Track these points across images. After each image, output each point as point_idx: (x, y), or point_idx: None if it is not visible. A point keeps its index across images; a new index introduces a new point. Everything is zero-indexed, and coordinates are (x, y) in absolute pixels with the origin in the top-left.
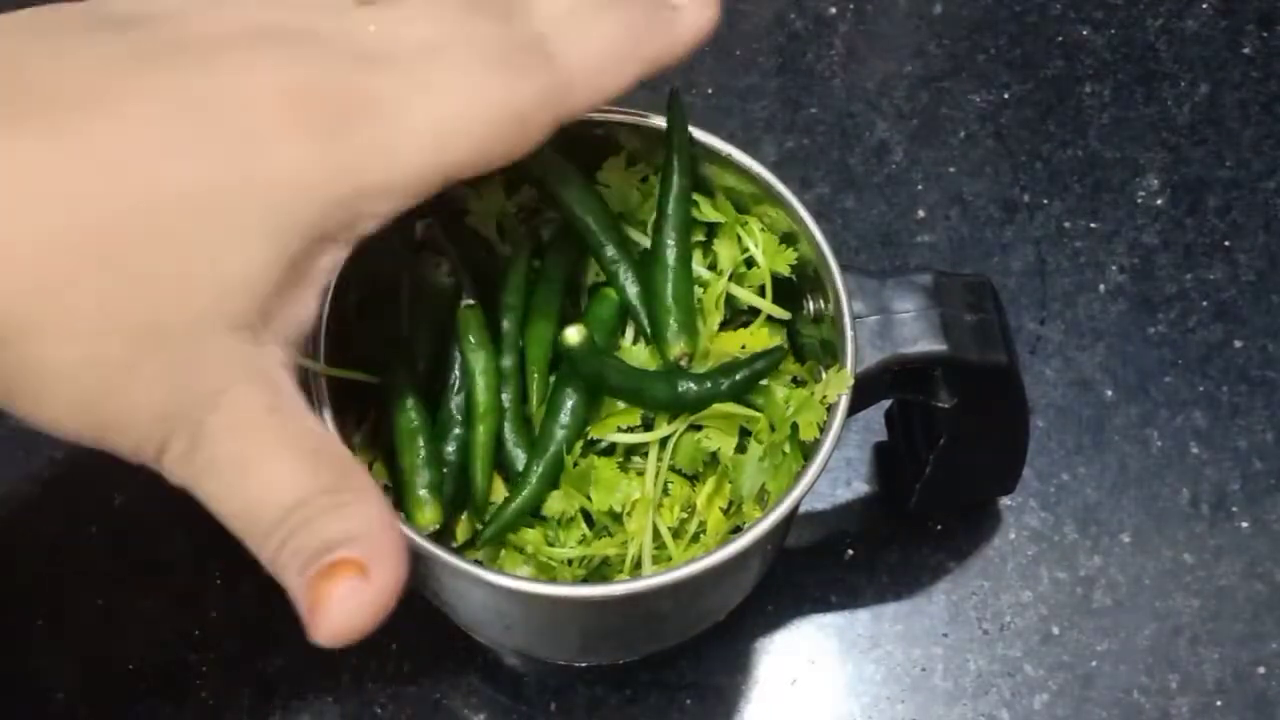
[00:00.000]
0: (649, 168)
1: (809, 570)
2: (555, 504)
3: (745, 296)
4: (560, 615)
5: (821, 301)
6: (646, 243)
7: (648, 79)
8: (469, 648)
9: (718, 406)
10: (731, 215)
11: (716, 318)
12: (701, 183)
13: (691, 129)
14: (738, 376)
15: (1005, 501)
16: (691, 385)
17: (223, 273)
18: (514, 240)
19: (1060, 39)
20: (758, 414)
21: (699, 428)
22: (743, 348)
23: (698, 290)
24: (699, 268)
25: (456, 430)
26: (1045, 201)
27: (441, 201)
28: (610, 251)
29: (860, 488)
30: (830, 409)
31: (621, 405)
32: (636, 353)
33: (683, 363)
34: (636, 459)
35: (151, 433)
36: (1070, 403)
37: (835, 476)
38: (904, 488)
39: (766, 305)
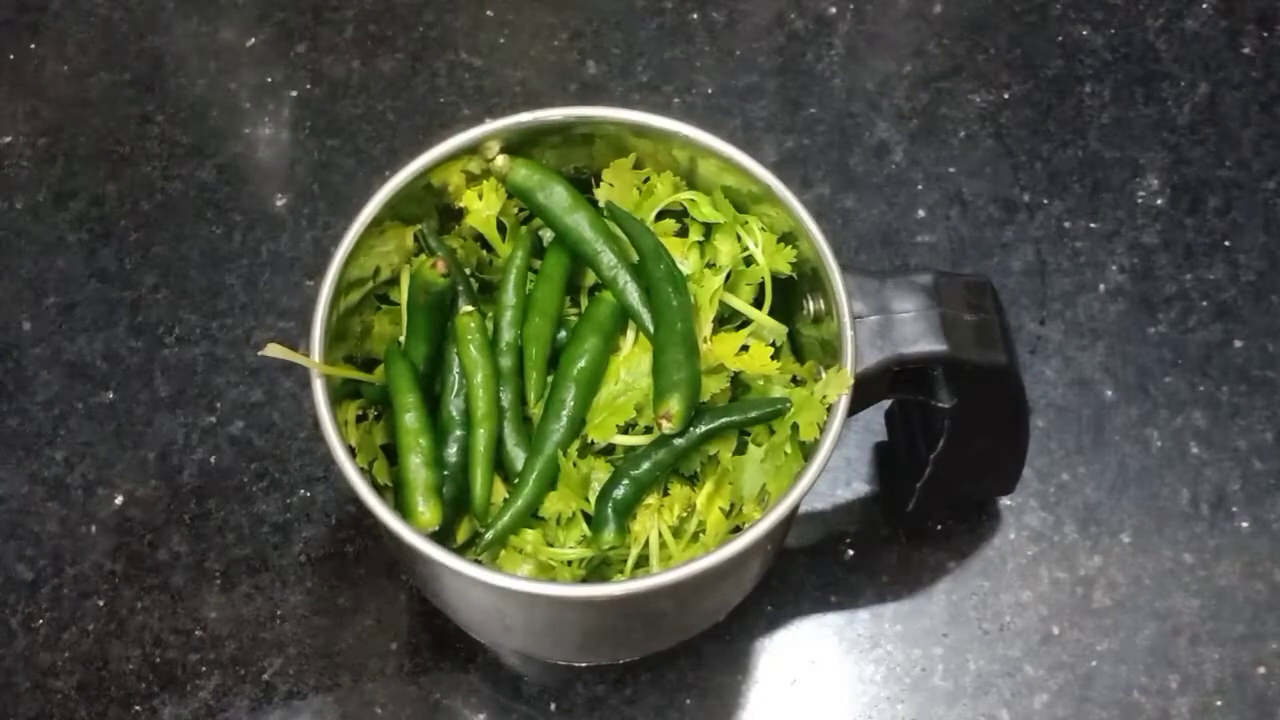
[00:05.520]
0: (654, 168)
1: (809, 570)
2: (553, 505)
3: (740, 307)
4: (560, 615)
5: (821, 301)
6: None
7: None
8: (469, 648)
9: None
10: (731, 214)
11: (710, 313)
12: (701, 181)
13: (692, 129)
14: (716, 424)
15: (1005, 501)
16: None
17: None
18: (514, 240)
19: (1060, 39)
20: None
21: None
22: (742, 349)
23: (693, 288)
24: (696, 267)
25: (457, 432)
26: (1045, 201)
27: (442, 202)
28: (606, 259)
29: (860, 488)
30: (830, 409)
31: (619, 404)
32: (636, 355)
33: (663, 421)
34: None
35: None
36: (1070, 403)
37: (835, 476)
38: (904, 488)
39: (760, 317)
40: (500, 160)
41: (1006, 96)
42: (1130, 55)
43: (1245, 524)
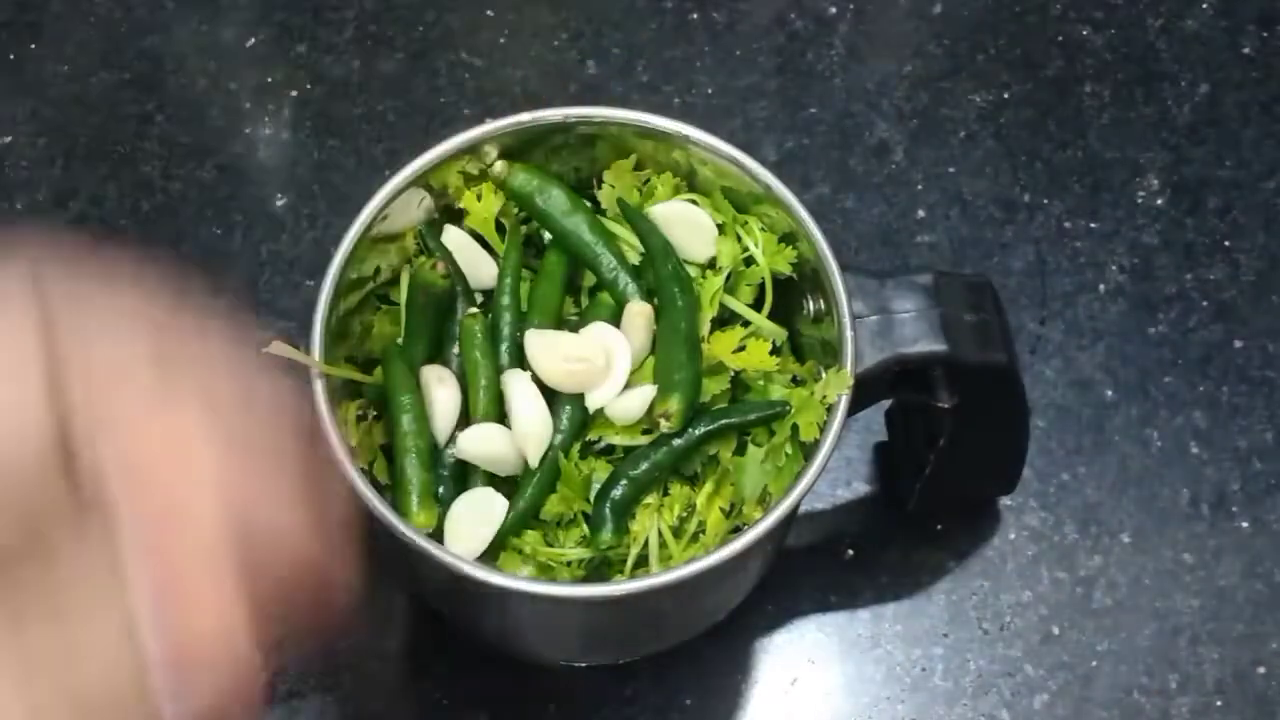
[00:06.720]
0: (655, 169)
1: (809, 570)
2: (554, 506)
3: (740, 309)
4: (560, 615)
5: (821, 301)
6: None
7: None
8: (469, 648)
9: None
10: (731, 215)
11: (710, 314)
12: (701, 183)
13: (692, 129)
14: (715, 425)
15: (1005, 501)
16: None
17: None
18: (513, 241)
19: (1060, 39)
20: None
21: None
22: (741, 347)
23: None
24: (696, 268)
25: (457, 433)
26: (1045, 201)
27: (441, 203)
28: (606, 260)
29: (860, 488)
30: (830, 409)
31: None
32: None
33: (662, 420)
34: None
35: None
36: (1070, 403)
37: (835, 476)
38: (904, 488)
39: (759, 319)
40: (499, 165)
41: (1006, 96)
42: (1130, 55)
43: (1245, 524)
